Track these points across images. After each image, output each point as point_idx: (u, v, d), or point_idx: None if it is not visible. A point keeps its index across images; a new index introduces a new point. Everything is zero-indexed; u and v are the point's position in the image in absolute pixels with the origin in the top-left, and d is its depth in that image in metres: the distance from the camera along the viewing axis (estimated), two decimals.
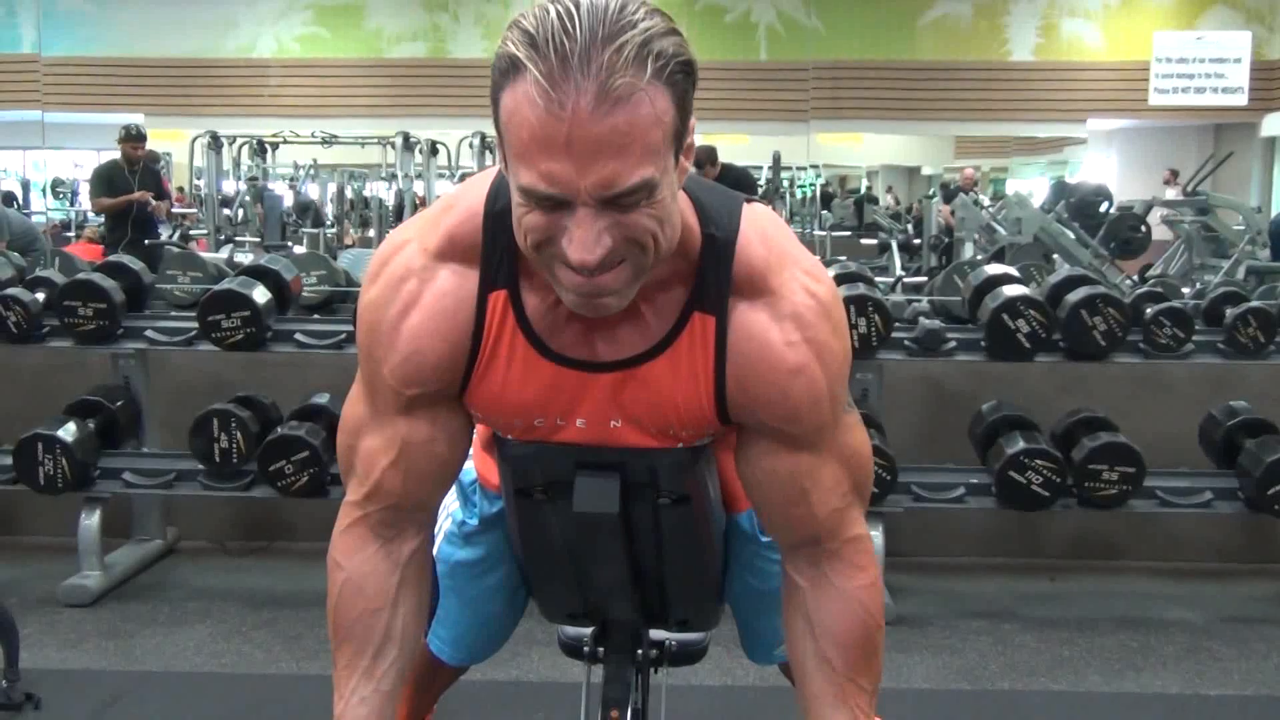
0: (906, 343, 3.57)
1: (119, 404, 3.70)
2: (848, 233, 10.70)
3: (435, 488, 1.45)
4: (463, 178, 5.93)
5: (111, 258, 4.10)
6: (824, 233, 10.53)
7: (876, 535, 3.46)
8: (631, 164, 1.10)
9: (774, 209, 7.30)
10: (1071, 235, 7.37)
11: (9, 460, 3.51)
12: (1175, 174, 11.89)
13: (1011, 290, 3.50)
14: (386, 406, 1.36)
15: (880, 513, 3.46)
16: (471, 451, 1.73)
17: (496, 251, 1.27)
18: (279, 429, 3.49)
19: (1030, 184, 15.38)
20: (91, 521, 3.57)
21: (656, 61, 1.09)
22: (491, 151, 8.72)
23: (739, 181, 7.18)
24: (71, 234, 10.47)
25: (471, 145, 9.40)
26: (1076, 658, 3.24)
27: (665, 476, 1.44)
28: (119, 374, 3.78)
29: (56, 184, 14.09)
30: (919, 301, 3.82)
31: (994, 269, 3.78)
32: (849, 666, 1.43)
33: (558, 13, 1.08)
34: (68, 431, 3.48)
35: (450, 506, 1.79)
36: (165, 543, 3.96)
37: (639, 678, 2.00)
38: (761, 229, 1.33)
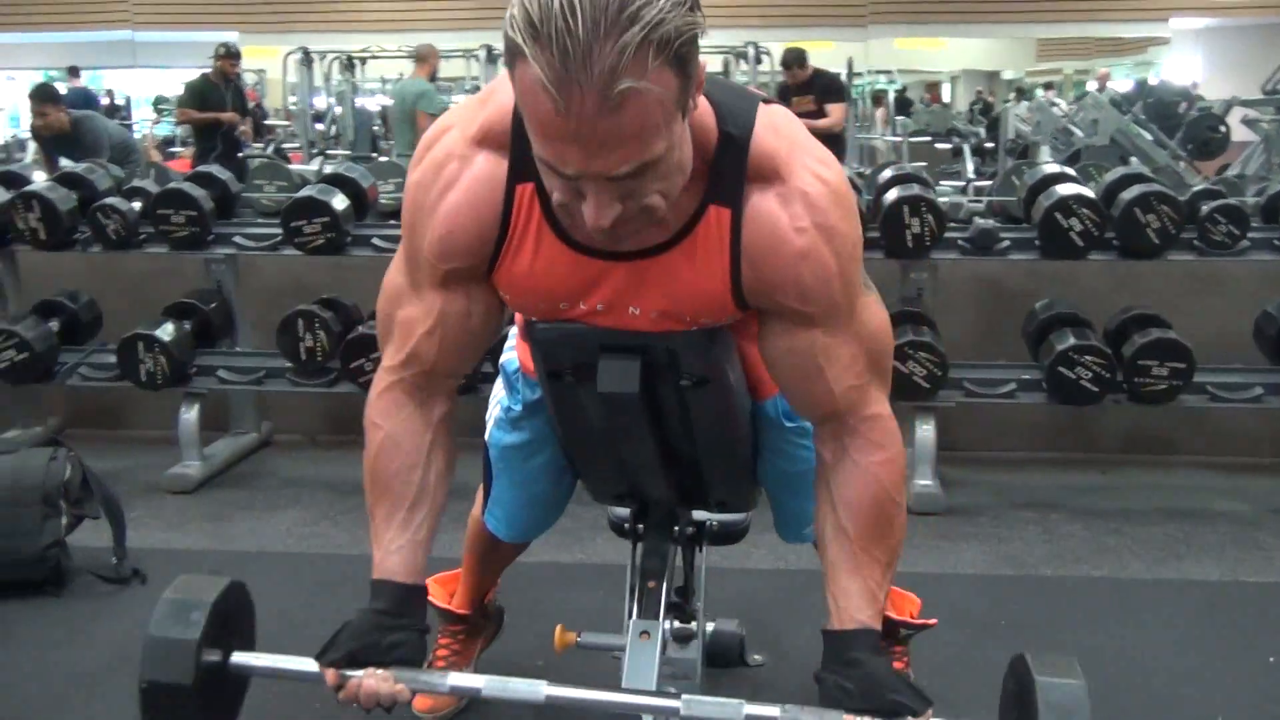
0: (960, 242, 3.65)
1: (212, 306, 3.94)
2: (927, 138, 10.60)
3: (466, 357, 1.58)
4: None
5: (200, 168, 4.32)
6: (898, 138, 10.44)
7: (928, 429, 3.59)
8: (636, 150, 1.18)
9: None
10: (1149, 137, 7.27)
11: (113, 359, 3.78)
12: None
13: (1065, 189, 3.55)
14: (425, 279, 1.49)
15: (932, 407, 3.58)
16: (514, 342, 1.88)
17: (523, 146, 1.33)
18: (359, 328, 3.70)
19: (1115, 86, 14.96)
20: (190, 415, 3.83)
21: (661, 51, 1.13)
22: None
23: (828, 86, 7.20)
24: (177, 149, 10.79)
25: None
26: (1121, 546, 3.34)
27: (684, 358, 1.54)
28: (211, 278, 4.02)
29: (159, 101, 14.39)
30: (975, 202, 3.89)
31: (1050, 168, 3.82)
32: (863, 537, 1.51)
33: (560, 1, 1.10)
34: (165, 332, 3.73)
35: (498, 394, 1.94)
36: (260, 436, 4.23)
37: (689, 555, 2.15)
38: (774, 123, 1.40)
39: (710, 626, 2.50)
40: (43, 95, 6.12)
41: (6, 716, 2.37)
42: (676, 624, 2.10)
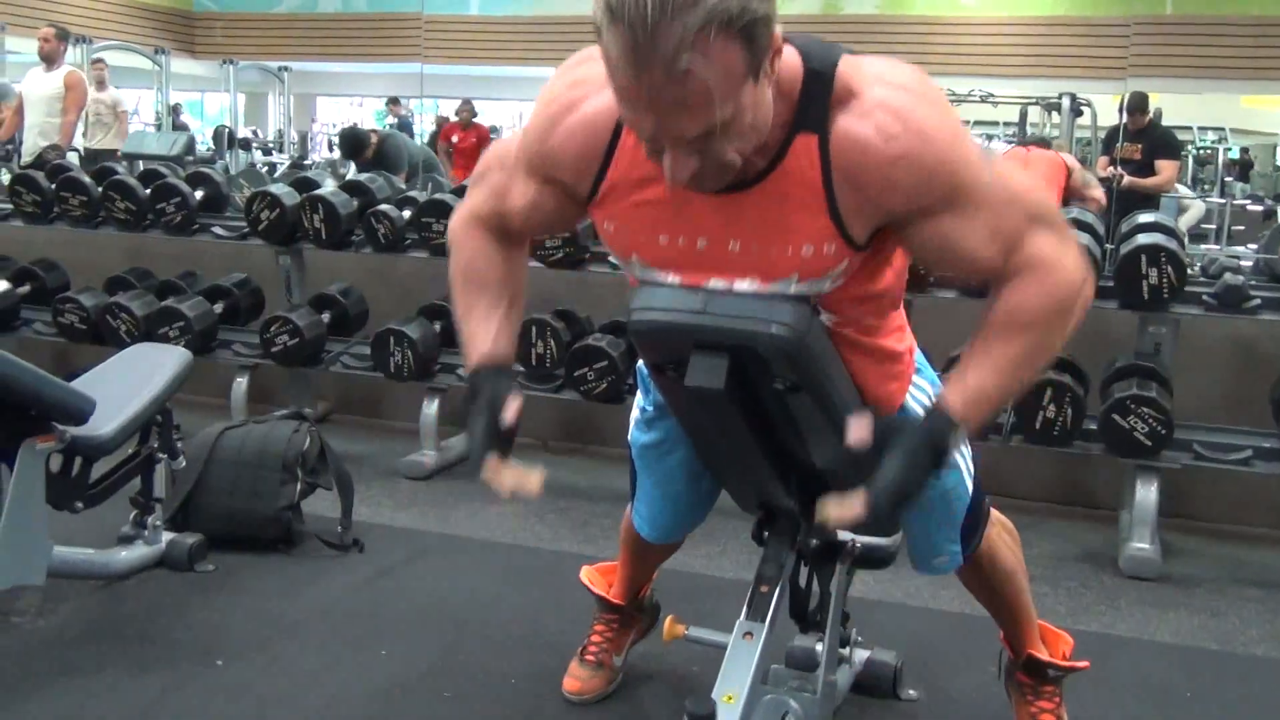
0: (1205, 297, 3.46)
1: None
2: (1248, 202, 9.94)
3: (516, 229, 1.76)
4: None
5: (465, 181, 4.65)
6: (1222, 200, 9.80)
7: (1149, 490, 3.41)
8: (703, 116, 1.31)
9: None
10: None
11: (369, 350, 4.13)
12: None
13: None
14: (519, 156, 1.67)
15: (1154, 467, 3.40)
16: None
17: None
18: (587, 339, 3.88)
19: None
20: (431, 409, 4.13)
21: (724, 29, 1.27)
22: None
23: (1162, 142, 6.89)
24: None
25: None
26: None
27: (774, 362, 1.57)
28: None
29: (492, 129, 15.61)
30: (1230, 257, 3.66)
31: None
32: (986, 336, 1.57)
33: None
34: (414, 329, 4.05)
35: (637, 398, 2.06)
36: None
37: (823, 572, 2.16)
38: (858, 59, 1.49)
39: (865, 654, 2.49)
40: (351, 148, 6.83)
41: (217, 647, 2.67)
42: (817, 645, 2.11)
